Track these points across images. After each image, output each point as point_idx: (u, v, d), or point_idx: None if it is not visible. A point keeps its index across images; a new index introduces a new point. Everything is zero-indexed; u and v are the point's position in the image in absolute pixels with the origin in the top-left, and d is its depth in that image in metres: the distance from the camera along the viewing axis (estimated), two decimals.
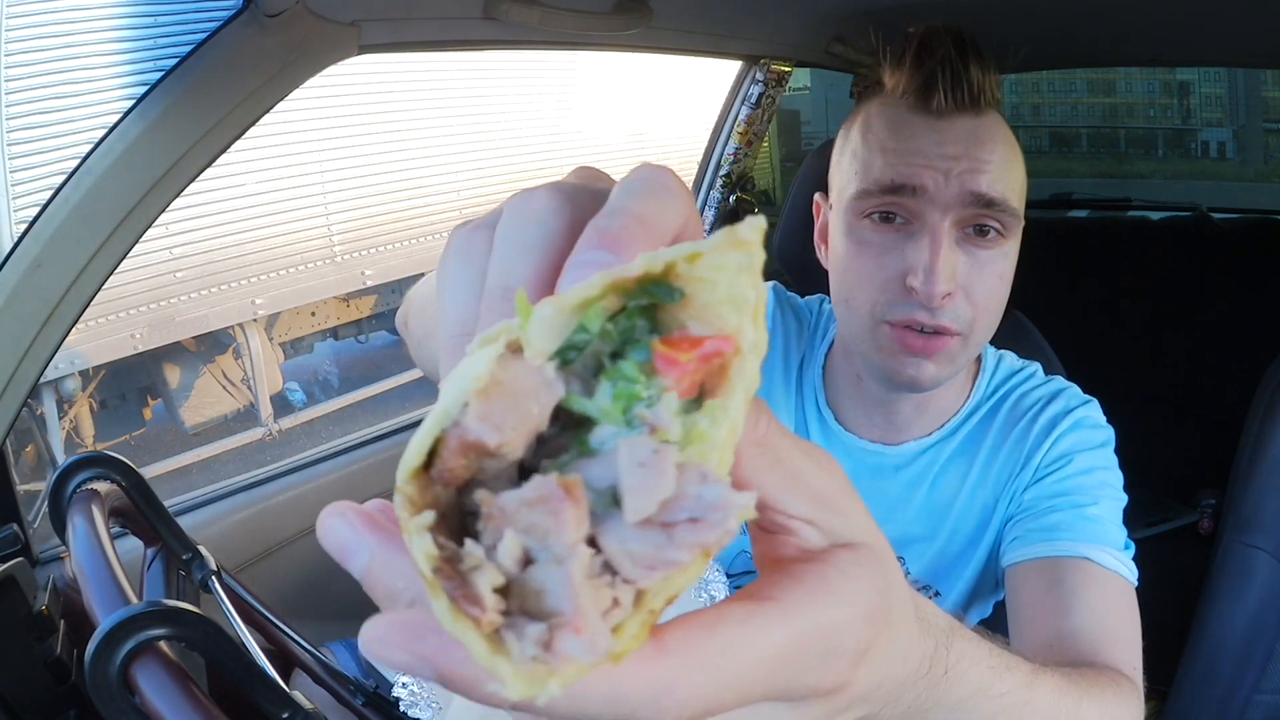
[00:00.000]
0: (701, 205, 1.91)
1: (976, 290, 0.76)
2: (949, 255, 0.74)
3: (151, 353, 4.21)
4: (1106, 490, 0.80)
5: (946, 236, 0.74)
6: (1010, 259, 0.78)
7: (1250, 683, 1.06)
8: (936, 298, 0.73)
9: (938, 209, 0.74)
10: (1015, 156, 0.78)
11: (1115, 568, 0.74)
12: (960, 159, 0.74)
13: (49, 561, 1.03)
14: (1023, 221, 0.79)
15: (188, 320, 4.25)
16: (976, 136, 0.75)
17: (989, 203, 0.74)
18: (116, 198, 0.86)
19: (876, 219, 0.77)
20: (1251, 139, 3.12)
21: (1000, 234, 0.76)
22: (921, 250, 0.74)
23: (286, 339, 5.03)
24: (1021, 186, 0.78)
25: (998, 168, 0.75)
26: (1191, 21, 1.45)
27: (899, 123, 0.77)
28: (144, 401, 4.61)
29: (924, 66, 0.77)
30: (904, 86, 0.78)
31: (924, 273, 0.73)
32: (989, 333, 0.80)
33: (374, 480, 1.45)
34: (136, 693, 0.52)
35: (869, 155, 0.78)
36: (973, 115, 0.76)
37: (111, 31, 3.71)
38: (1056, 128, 3.31)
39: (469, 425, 0.22)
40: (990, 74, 0.77)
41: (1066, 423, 0.83)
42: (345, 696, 0.85)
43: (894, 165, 0.76)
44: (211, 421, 4.64)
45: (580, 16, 1.08)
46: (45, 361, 0.89)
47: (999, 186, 0.75)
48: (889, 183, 0.76)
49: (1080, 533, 0.75)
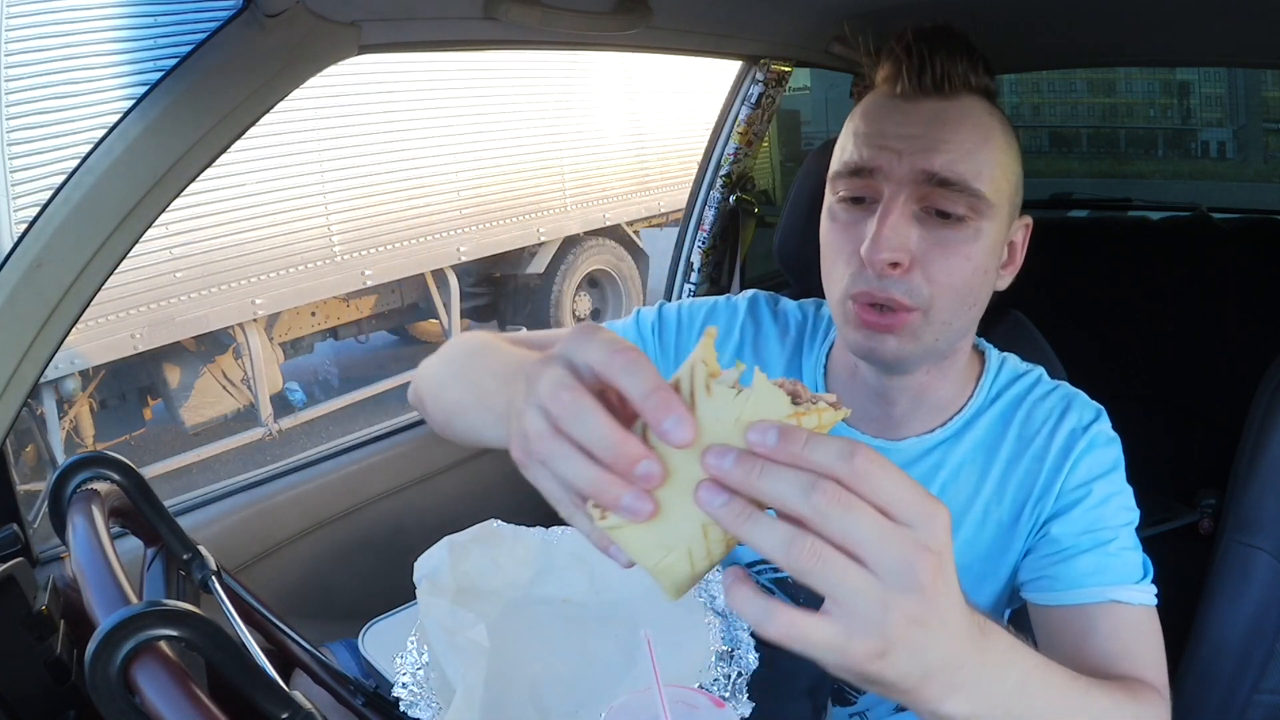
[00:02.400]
0: (701, 205, 1.91)
1: (935, 268, 0.76)
2: (897, 225, 0.76)
3: (151, 353, 4.20)
4: (1123, 516, 0.82)
5: (897, 208, 0.76)
6: (984, 243, 0.78)
7: (1250, 683, 1.06)
8: (879, 264, 0.75)
9: (892, 185, 0.77)
10: (990, 141, 0.79)
11: (1141, 601, 0.77)
12: (918, 139, 0.77)
13: (49, 561, 1.03)
14: (1001, 208, 0.79)
15: (188, 320, 4.24)
16: (940, 119, 0.77)
17: (943, 181, 0.76)
18: (116, 198, 0.86)
19: (849, 201, 0.81)
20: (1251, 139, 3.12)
21: (965, 218, 0.77)
22: (872, 221, 0.77)
23: (286, 339, 5.03)
24: (1000, 172, 0.79)
25: (957, 147, 0.76)
26: (1191, 21, 1.45)
27: (871, 108, 0.82)
28: (144, 401, 4.60)
29: (893, 55, 0.81)
30: (880, 78, 0.83)
31: (869, 240, 0.76)
32: (958, 315, 0.80)
33: (374, 480, 1.45)
34: (136, 693, 0.52)
35: (845, 141, 0.83)
36: (939, 99, 0.79)
37: (111, 31, 3.71)
38: (1056, 128, 3.31)
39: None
40: (963, 63, 0.79)
41: (1083, 443, 0.84)
42: (345, 696, 0.85)
43: (859, 148, 0.80)
44: (211, 421, 4.63)
45: (580, 16, 1.08)
46: (45, 361, 0.89)
47: (958, 167, 0.76)
48: (853, 164, 0.80)
49: (1106, 574, 0.78)
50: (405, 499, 1.47)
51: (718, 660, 0.77)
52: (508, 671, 0.79)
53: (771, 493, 0.42)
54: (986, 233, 0.78)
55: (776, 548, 0.42)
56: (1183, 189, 3.21)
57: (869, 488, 0.42)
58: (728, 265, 1.93)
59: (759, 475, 0.42)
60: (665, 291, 1.96)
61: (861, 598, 0.42)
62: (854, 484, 0.41)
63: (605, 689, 0.77)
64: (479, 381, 0.66)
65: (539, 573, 0.89)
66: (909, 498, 0.42)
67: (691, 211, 1.92)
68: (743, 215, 1.89)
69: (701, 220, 1.90)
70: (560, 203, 5.94)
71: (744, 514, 0.42)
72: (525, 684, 0.79)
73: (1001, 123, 0.81)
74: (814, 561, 0.41)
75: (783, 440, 0.42)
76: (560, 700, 0.77)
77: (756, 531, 0.42)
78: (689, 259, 1.92)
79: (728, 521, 0.42)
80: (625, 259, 6.51)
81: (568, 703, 0.77)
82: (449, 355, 0.79)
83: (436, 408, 0.79)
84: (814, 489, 0.41)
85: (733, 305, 1.00)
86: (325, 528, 1.39)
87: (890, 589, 0.42)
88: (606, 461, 0.43)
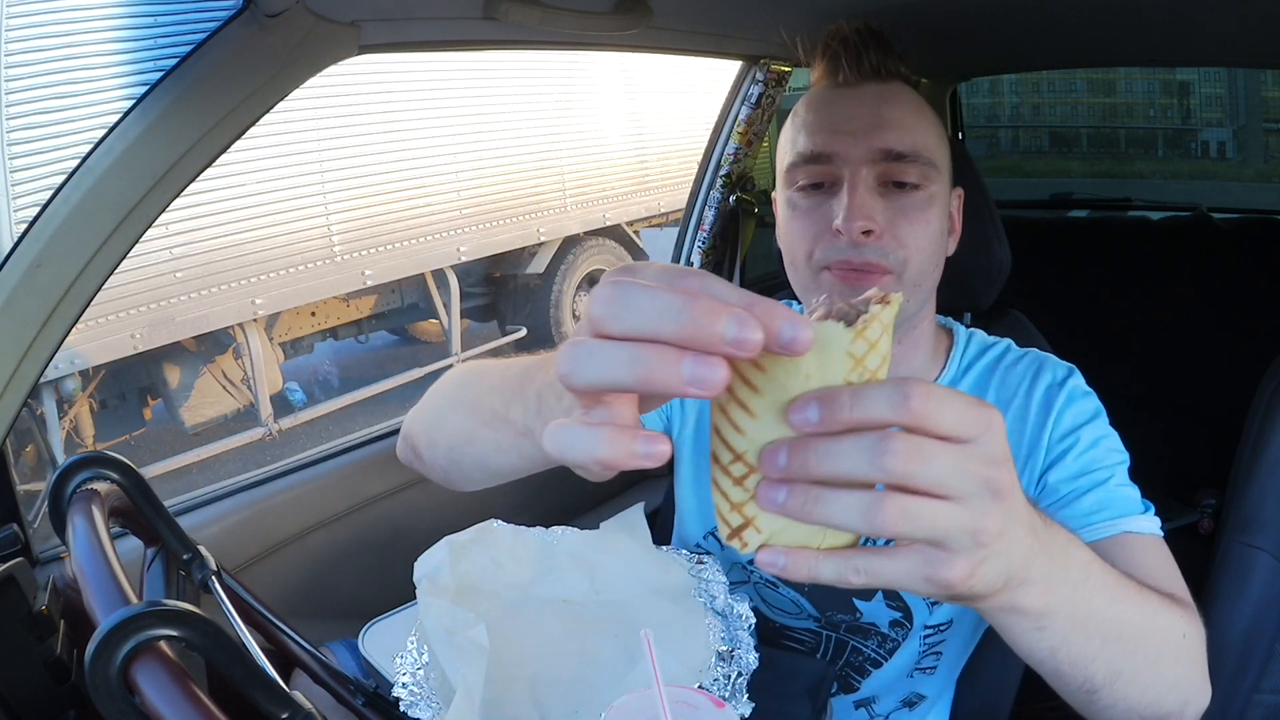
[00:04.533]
0: (701, 205, 1.91)
1: (903, 232, 0.84)
2: (865, 198, 0.83)
3: (151, 353, 4.20)
4: (1115, 457, 0.85)
5: (863, 183, 0.83)
6: (937, 208, 0.86)
7: (1250, 683, 1.06)
8: (856, 232, 0.82)
9: (852, 166, 0.84)
10: (924, 114, 0.88)
11: (1149, 530, 0.79)
12: (868, 120, 0.85)
13: (49, 561, 1.03)
14: (945, 174, 0.88)
15: (188, 320, 4.24)
16: (884, 99, 0.86)
17: (898, 155, 0.84)
18: (116, 198, 0.86)
19: (807, 188, 0.88)
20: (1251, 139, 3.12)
21: (919, 185, 0.85)
22: (842, 198, 0.84)
23: (286, 339, 5.03)
24: (939, 143, 0.88)
25: (902, 124, 0.85)
26: (1191, 21, 1.45)
27: (815, 100, 0.90)
28: (144, 401, 4.60)
29: (830, 49, 0.90)
30: (819, 71, 0.92)
31: (844, 213, 0.83)
32: (926, 276, 0.88)
33: (374, 480, 1.45)
34: (136, 693, 0.52)
35: (796, 133, 0.89)
36: (877, 83, 0.88)
37: (111, 31, 3.71)
38: (1056, 128, 3.31)
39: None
40: (890, 55, 0.88)
41: (1061, 397, 0.89)
42: (345, 696, 0.85)
43: (813, 137, 0.86)
44: (211, 421, 4.63)
45: (580, 16, 1.08)
46: (45, 361, 0.89)
47: (907, 140, 0.84)
48: (810, 153, 0.86)
49: (1112, 508, 0.80)
50: (405, 499, 1.47)
51: (718, 660, 0.77)
52: (508, 671, 0.79)
53: (837, 473, 0.38)
54: (938, 197, 0.86)
55: (858, 520, 0.39)
56: (1183, 189, 3.21)
57: (932, 424, 0.39)
58: (727, 265, 1.93)
59: (817, 460, 0.38)
60: None
61: (952, 532, 0.40)
62: (917, 426, 0.39)
63: (605, 689, 0.77)
64: (480, 403, 0.62)
65: (539, 573, 0.89)
66: (968, 416, 0.40)
67: (691, 211, 1.92)
68: (742, 215, 1.89)
69: (701, 220, 1.90)
70: (560, 203, 5.95)
71: (810, 499, 0.39)
72: (525, 684, 0.79)
73: (925, 102, 0.90)
74: (903, 521, 0.39)
75: (825, 411, 0.38)
76: (560, 700, 0.77)
77: (829, 511, 0.39)
78: (689, 259, 1.92)
79: (796, 513, 0.39)
80: (625, 259, 6.51)
81: (568, 703, 0.77)
82: (436, 394, 0.76)
83: (434, 449, 0.73)
84: (880, 453, 0.38)
85: None
86: (325, 528, 1.39)
87: (975, 512, 0.40)
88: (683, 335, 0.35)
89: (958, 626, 0.94)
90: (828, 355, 0.39)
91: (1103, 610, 0.54)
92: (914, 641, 0.94)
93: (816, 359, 0.39)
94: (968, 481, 0.40)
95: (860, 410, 0.38)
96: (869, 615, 0.94)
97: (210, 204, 4.11)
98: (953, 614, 0.92)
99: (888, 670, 0.96)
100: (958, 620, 0.93)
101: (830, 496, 0.39)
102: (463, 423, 0.65)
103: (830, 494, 0.39)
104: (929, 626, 0.93)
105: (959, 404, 0.40)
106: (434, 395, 0.76)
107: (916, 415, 0.38)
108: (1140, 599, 0.60)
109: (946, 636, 0.94)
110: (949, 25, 1.52)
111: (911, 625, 0.93)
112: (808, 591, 0.95)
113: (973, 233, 1.18)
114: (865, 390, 0.38)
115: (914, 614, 0.92)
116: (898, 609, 0.93)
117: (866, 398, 0.38)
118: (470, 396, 0.65)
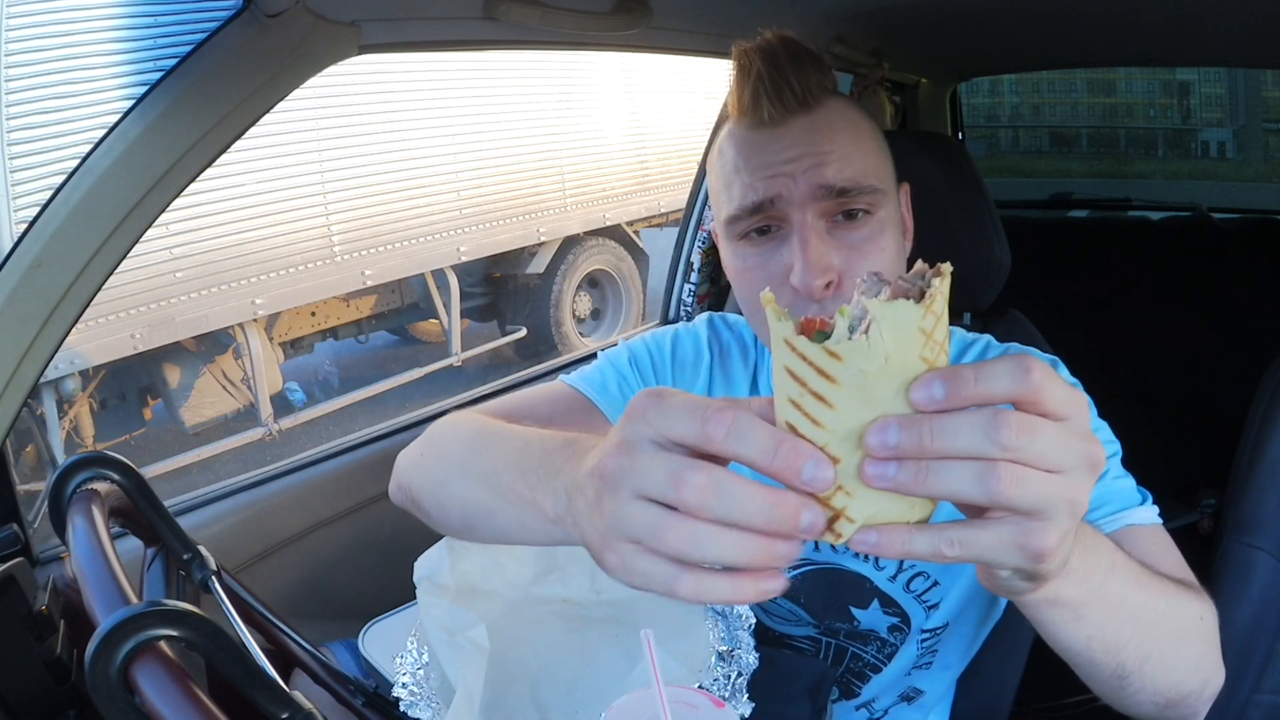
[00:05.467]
0: (701, 205, 1.91)
1: (861, 270, 0.80)
2: (818, 248, 0.78)
3: (151, 353, 4.20)
4: (1109, 449, 0.83)
5: (812, 231, 0.78)
6: (890, 231, 0.82)
7: (1250, 683, 1.06)
8: (816, 289, 0.77)
9: (796, 208, 0.79)
10: (861, 136, 0.82)
11: (1150, 520, 0.78)
12: (802, 159, 0.79)
13: (49, 561, 1.03)
14: (890, 191, 0.83)
15: (188, 320, 4.24)
16: (813, 131, 0.80)
17: (841, 190, 0.79)
18: (116, 198, 0.86)
19: (754, 235, 0.82)
20: (1251, 139, 3.11)
21: (868, 212, 0.80)
22: (793, 249, 0.79)
23: (286, 339, 5.03)
24: (879, 160, 0.82)
25: (840, 155, 0.79)
26: (1191, 21, 1.45)
27: (743, 142, 0.82)
28: (144, 401, 4.60)
29: (747, 84, 0.81)
30: (738, 107, 0.83)
31: (799, 270, 0.78)
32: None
33: (374, 480, 1.45)
34: (136, 693, 0.52)
35: (730, 180, 0.83)
36: (804, 114, 0.81)
37: (111, 31, 3.71)
38: (1056, 128, 3.31)
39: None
40: (812, 73, 0.81)
41: None
42: (345, 696, 0.85)
43: (749, 185, 0.80)
44: (211, 421, 4.63)
45: (580, 16, 1.08)
46: (45, 361, 0.89)
47: (846, 172, 0.79)
48: (751, 204, 0.80)
49: (1112, 502, 0.79)
50: None
51: (718, 660, 0.77)
52: (508, 671, 0.79)
53: (952, 449, 0.40)
54: (888, 219, 0.82)
55: (974, 487, 0.40)
56: (1183, 189, 3.21)
57: (1045, 398, 0.41)
58: None
59: (931, 437, 0.40)
60: (665, 291, 1.97)
61: (1053, 501, 0.42)
62: (1031, 401, 0.41)
63: (605, 689, 0.77)
64: (499, 480, 0.60)
65: (539, 573, 0.89)
66: (1066, 395, 0.42)
67: (691, 211, 1.92)
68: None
69: (701, 220, 1.90)
70: (560, 203, 5.94)
71: (922, 472, 0.40)
72: (525, 684, 0.79)
73: (858, 111, 0.84)
74: (1015, 487, 0.40)
75: (951, 388, 0.40)
76: (560, 700, 0.77)
77: (942, 482, 0.40)
78: (689, 259, 1.92)
79: (909, 485, 0.40)
80: (625, 259, 6.52)
81: (568, 703, 0.77)
82: (439, 451, 0.74)
83: (444, 513, 0.71)
84: (996, 428, 0.39)
85: (693, 332, 1.02)
86: (325, 528, 1.39)
87: (1074, 483, 0.42)
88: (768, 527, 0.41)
89: (954, 629, 0.94)
90: (903, 333, 0.40)
91: (1130, 596, 0.57)
92: (911, 645, 0.94)
93: (893, 338, 0.40)
94: (1069, 454, 0.41)
95: (984, 385, 0.40)
96: (867, 623, 0.94)
97: (210, 204, 4.11)
98: (948, 617, 0.92)
99: (887, 674, 0.96)
100: (954, 623, 0.93)
101: (944, 466, 0.40)
102: (479, 495, 0.64)
103: (944, 464, 0.40)
104: (925, 630, 0.93)
105: (1059, 383, 0.42)
106: (436, 452, 0.74)
107: (1036, 389, 0.40)
108: (1159, 585, 0.62)
109: (942, 638, 0.94)
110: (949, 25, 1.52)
111: (909, 630, 0.93)
112: (803, 601, 0.95)
113: (973, 233, 1.18)
114: (988, 366, 0.40)
115: (911, 619, 0.92)
116: (895, 614, 0.93)
117: (991, 374, 0.40)
118: (485, 470, 0.63)
